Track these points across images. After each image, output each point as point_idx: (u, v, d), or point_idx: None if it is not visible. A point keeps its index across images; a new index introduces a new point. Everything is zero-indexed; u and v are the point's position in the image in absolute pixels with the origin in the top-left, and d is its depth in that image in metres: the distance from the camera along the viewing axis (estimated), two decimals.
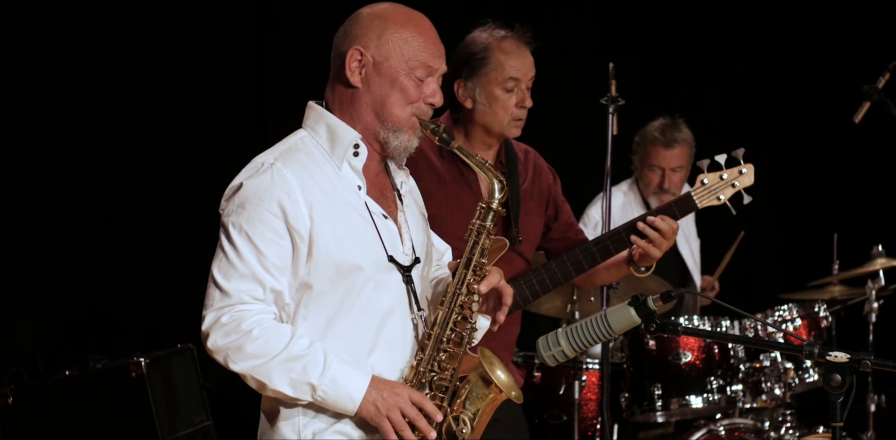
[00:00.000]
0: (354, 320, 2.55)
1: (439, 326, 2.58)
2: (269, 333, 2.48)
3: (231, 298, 2.49)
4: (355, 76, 2.58)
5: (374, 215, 2.59)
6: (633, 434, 4.79)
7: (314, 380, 2.47)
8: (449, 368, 2.58)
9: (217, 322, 2.49)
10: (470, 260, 2.60)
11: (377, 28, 2.58)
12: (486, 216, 2.63)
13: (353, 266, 2.53)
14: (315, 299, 2.53)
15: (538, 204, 3.55)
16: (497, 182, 2.63)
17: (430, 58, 2.59)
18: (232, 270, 2.49)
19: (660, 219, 3.36)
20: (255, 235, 2.49)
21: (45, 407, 4.27)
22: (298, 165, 2.54)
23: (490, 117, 3.41)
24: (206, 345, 2.51)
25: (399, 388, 2.52)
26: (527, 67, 3.49)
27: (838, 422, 2.39)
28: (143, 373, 4.26)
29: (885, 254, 4.75)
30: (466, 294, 2.59)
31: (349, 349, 2.54)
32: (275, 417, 2.58)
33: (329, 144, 2.59)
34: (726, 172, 3.40)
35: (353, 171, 2.60)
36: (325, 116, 2.62)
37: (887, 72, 4.45)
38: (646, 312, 2.50)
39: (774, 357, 4.42)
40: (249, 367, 2.48)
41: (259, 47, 5.62)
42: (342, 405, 2.49)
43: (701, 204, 3.41)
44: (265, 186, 2.50)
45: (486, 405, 2.59)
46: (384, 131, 2.60)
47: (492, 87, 3.41)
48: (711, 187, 3.40)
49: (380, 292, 2.57)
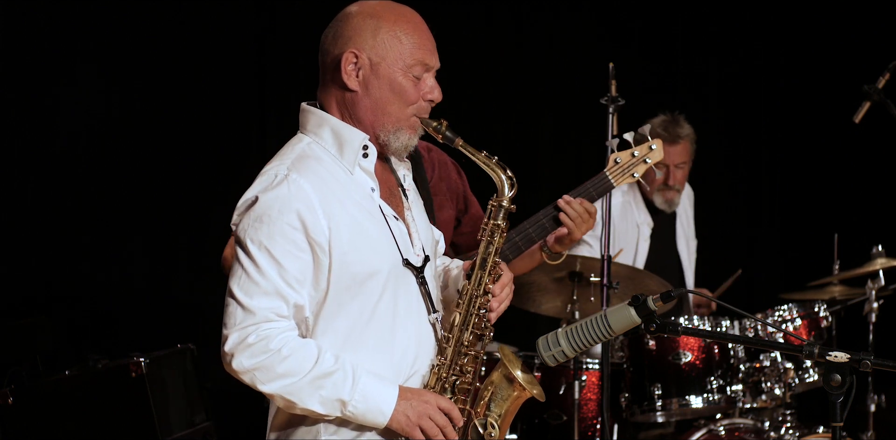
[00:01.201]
0: (374, 328, 2.51)
1: (459, 329, 2.55)
2: (297, 352, 2.43)
3: (256, 317, 2.43)
4: (352, 80, 2.52)
5: (387, 218, 2.56)
6: (633, 434, 4.79)
7: (345, 396, 2.43)
8: (470, 371, 2.56)
9: (243, 342, 2.42)
10: (485, 260, 2.58)
11: (370, 28, 2.52)
12: (499, 214, 2.60)
13: (370, 274, 2.49)
14: (334, 311, 2.48)
15: (448, 198, 3.54)
16: (507, 178, 2.58)
17: (426, 55, 2.55)
18: (254, 287, 2.43)
19: (577, 201, 3.35)
20: (274, 250, 2.42)
21: (45, 407, 4.26)
22: (313, 174, 2.48)
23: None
24: (231, 365, 2.44)
25: (427, 396, 2.49)
26: None
27: (838, 422, 2.38)
28: (143, 373, 4.25)
29: (885, 254, 4.75)
30: (483, 295, 2.57)
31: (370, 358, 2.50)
32: (291, 436, 2.53)
33: (337, 149, 2.54)
34: (637, 149, 3.40)
35: (365, 173, 2.55)
36: (327, 120, 2.56)
37: (887, 72, 4.45)
38: (646, 312, 2.50)
39: (774, 357, 4.42)
40: (280, 387, 2.43)
41: (259, 47, 5.62)
42: (373, 418, 2.46)
43: (616, 182, 3.41)
44: (282, 199, 2.44)
45: (511, 404, 2.59)
46: (384, 134, 2.55)
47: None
48: (625, 165, 3.40)
49: (397, 297, 2.53)
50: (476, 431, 2.54)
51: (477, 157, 2.60)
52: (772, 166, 7.11)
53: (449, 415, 2.49)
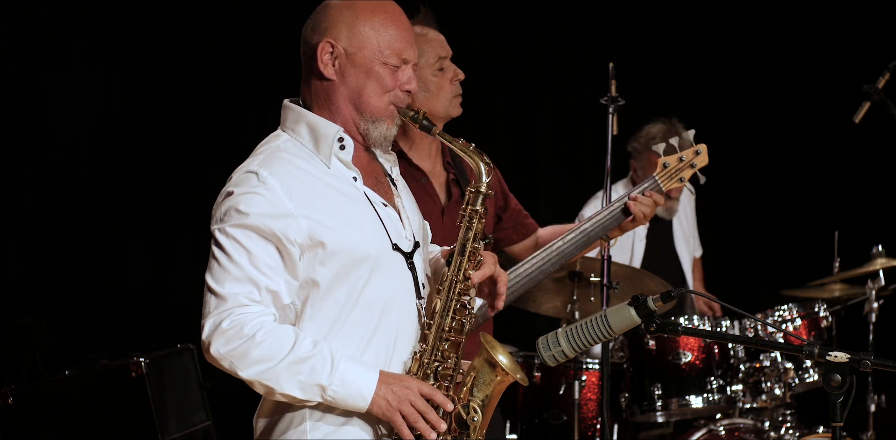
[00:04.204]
0: (360, 313, 2.52)
1: (440, 315, 2.56)
2: (272, 336, 2.44)
3: (227, 302, 2.45)
4: (328, 69, 2.56)
5: (374, 204, 2.58)
6: (633, 434, 4.79)
7: (323, 380, 2.44)
8: (452, 357, 2.56)
9: (217, 328, 2.44)
10: (464, 246, 2.59)
11: (347, 19, 2.55)
12: (476, 200, 2.61)
13: (360, 259, 2.51)
14: (322, 296, 2.50)
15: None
16: (483, 165, 2.60)
17: (404, 46, 2.57)
18: (225, 274, 2.46)
19: (647, 193, 3.39)
20: (243, 238, 2.45)
21: (45, 407, 4.27)
22: (284, 171, 2.51)
23: (431, 103, 3.35)
24: (209, 352, 2.46)
25: (408, 381, 2.50)
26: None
27: (838, 422, 2.38)
28: (143, 373, 4.26)
29: (885, 254, 4.75)
30: (464, 281, 2.58)
31: (356, 342, 2.51)
32: (277, 422, 2.54)
33: (313, 144, 2.57)
34: (684, 154, 3.42)
35: (343, 164, 2.58)
36: (303, 116, 2.60)
37: (887, 72, 4.46)
38: (646, 312, 2.50)
39: (774, 357, 4.42)
40: (256, 373, 2.43)
41: (259, 47, 5.62)
42: (353, 403, 2.46)
43: (665, 187, 3.43)
44: (251, 193, 2.47)
45: (494, 389, 2.58)
46: (363, 122, 2.58)
47: (425, 70, 3.35)
48: (672, 170, 3.42)
49: (385, 282, 2.55)
50: (459, 416, 2.54)
51: (454, 145, 2.63)
52: (772, 166, 7.11)
53: (432, 400, 2.50)
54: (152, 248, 5.32)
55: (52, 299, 5.09)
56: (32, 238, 5.05)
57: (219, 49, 5.45)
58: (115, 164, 5.23)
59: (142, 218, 5.27)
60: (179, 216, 5.26)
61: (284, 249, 2.47)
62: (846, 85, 5.19)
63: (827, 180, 6.98)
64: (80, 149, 5.17)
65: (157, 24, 5.30)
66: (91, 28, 5.15)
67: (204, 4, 5.41)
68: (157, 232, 5.31)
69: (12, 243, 5.01)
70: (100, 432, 4.26)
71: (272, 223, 2.46)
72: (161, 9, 5.30)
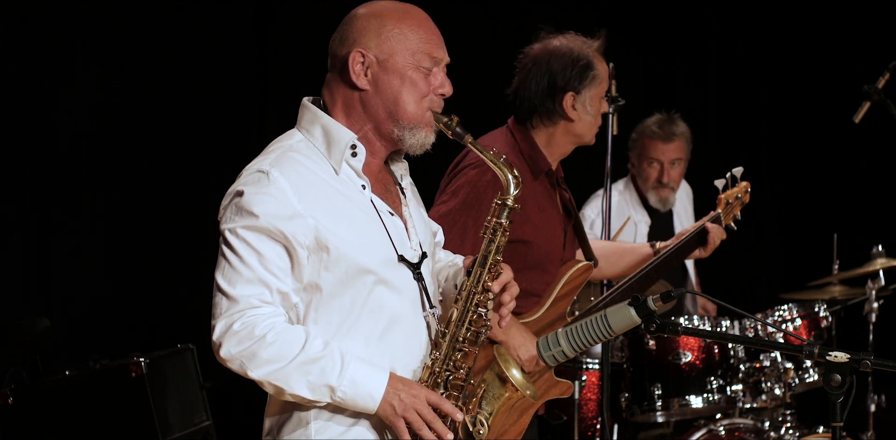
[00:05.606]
0: (366, 321, 2.52)
1: (455, 325, 2.55)
2: (283, 337, 2.44)
3: (239, 304, 2.45)
4: (361, 79, 2.54)
5: (381, 213, 2.57)
6: (633, 434, 4.79)
7: (333, 381, 2.43)
8: (464, 367, 2.55)
9: (229, 330, 2.44)
10: (486, 258, 2.57)
11: (374, 27, 2.54)
12: (502, 213, 2.59)
13: (363, 267, 2.50)
14: (325, 301, 2.50)
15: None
16: (512, 177, 2.59)
17: (434, 48, 2.56)
18: (236, 276, 2.46)
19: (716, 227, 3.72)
20: (253, 240, 2.45)
21: (45, 407, 4.27)
22: (294, 171, 2.50)
23: (588, 128, 3.52)
24: (220, 354, 2.45)
25: (416, 389, 2.49)
26: None
27: (838, 422, 2.38)
28: (143, 373, 4.26)
29: (885, 254, 4.75)
30: (482, 293, 2.57)
31: (362, 350, 2.50)
32: (285, 423, 2.54)
33: (325, 147, 2.56)
34: (738, 192, 3.77)
35: (353, 170, 2.56)
36: (319, 118, 2.58)
37: (887, 72, 4.46)
38: (646, 312, 2.50)
39: (774, 357, 4.42)
40: (267, 373, 2.43)
41: (259, 47, 5.62)
42: (362, 404, 2.46)
43: (725, 221, 3.75)
44: (262, 193, 2.47)
45: (502, 405, 2.58)
46: (399, 129, 2.56)
47: (597, 99, 3.50)
48: (731, 207, 3.77)
49: (391, 292, 2.54)
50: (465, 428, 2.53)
51: (485, 155, 2.61)
52: (771, 166, 7.10)
53: (439, 410, 2.49)
54: (152, 248, 5.32)
55: (52, 299, 5.09)
56: (32, 238, 5.05)
57: (219, 49, 5.45)
58: (115, 163, 5.23)
59: (142, 217, 5.27)
60: (179, 216, 5.26)
61: (293, 250, 2.46)
62: (846, 85, 5.19)
63: (827, 180, 6.98)
64: (81, 149, 5.17)
65: (158, 24, 5.29)
66: (91, 28, 5.15)
67: (204, 4, 5.41)
68: (157, 231, 5.31)
69: (12, 243, 5.01)
70: (100, 432, 4.26)
71: (282, 224, 2.45)
72: (161, 9, 5.30)
